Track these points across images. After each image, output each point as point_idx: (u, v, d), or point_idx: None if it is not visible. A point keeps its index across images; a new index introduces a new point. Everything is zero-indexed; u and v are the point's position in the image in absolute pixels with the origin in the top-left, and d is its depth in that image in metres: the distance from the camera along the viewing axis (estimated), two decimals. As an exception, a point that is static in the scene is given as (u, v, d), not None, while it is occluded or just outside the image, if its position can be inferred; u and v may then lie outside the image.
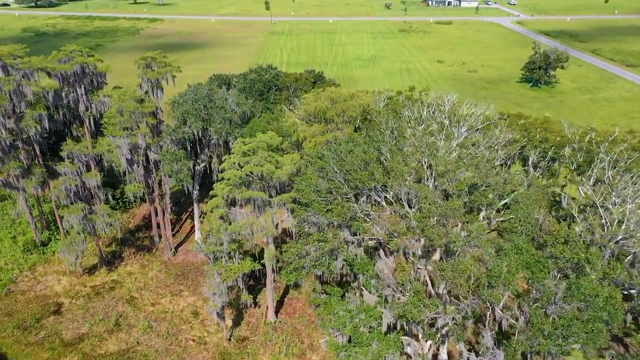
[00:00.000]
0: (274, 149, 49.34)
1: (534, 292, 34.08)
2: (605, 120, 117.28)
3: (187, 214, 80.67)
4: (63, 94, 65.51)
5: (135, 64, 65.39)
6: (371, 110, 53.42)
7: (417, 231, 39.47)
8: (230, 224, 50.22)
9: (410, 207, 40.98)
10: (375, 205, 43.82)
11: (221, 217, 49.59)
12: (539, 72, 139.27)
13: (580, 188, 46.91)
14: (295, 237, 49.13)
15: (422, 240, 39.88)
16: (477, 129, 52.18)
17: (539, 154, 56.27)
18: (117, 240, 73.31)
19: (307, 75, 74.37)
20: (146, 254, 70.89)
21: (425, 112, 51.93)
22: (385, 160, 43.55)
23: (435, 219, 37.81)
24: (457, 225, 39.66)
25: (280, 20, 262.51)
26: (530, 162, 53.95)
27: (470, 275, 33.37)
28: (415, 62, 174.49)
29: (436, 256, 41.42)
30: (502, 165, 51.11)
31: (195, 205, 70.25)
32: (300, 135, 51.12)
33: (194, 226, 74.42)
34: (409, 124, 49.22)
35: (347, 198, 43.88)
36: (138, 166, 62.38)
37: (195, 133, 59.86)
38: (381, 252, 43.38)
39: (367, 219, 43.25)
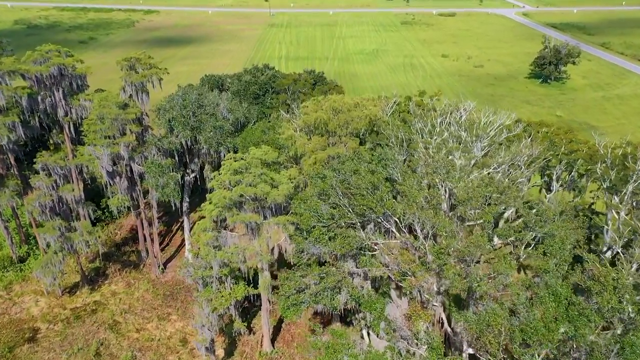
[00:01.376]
0: (270, 163, 43.76)
1: (576, 350, 28.56)
2: (620, 119, 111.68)
3: (178, 224, 75.16)
4: (39, 98, 59.80)
5: (118, 65, 59.56)
6: (378, 121, 47.67)
7: (433, 266, 34.01)
8: (220, 248, 44.71)
9: (425, 238, 35.46)
10: (384, 234, 38.30)
11: (210, 242, 44.00)
12: (549, 67, 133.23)
13: (619, 214, 41.29)
14: (293, 266, 43.60)
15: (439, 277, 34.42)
16: (500, 143, 46.41)
17: (565, 168, 50.60)
18: (102, 255, 67.87)
19: (307, 77, 68.59)
20: (132, 271, 65.49)
21: (438, 123, 46.19)
22: (396, 181, 37.93)
23: (454, 254, 32.33)
24: (479, 262, 34.20)
25: (279, 12, 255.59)
26: (554, 177, 48.29)
27: (500, 330, 27.97)
28: (419, 56, 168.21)
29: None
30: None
31: (185, 218, 64.72)
32: (299, 150, 45.58)
33: (184, 239, 68.93)
34: (421, 137, 43.56)
35: (352, 224, 38.33)
36: (121, 179, 56.77)
37: (184, 143, 54.16)
38: (392, 292, 37.92)
39: (375, 249, 37.75)
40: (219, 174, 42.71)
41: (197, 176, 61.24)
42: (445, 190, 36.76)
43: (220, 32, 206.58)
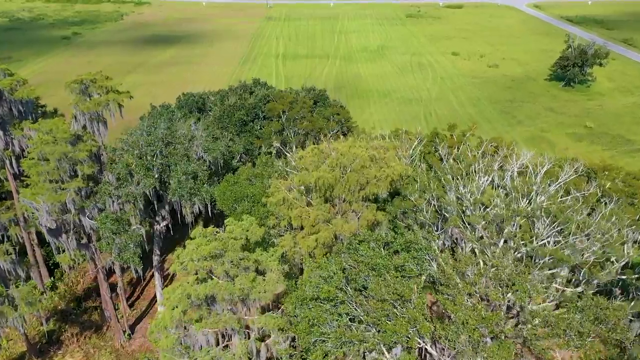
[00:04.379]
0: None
1: None
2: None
3: (152, 271, 63.34)
4: (-32, 129, 47.86)
5: (67, 88, 47.36)
6: (403, 184, 35.71)
7: None
8: (188, 349, 32.88)
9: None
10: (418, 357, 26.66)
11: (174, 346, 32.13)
12: (573, 70, 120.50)
13: None
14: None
15: None
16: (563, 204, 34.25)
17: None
18: (59, 312, 56.28)
19: (305, 97, 56.23)
20: (93, 336, 53.80)
21: (481, 181, 34.20)
22: (434, 283, 26.09)
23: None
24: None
25: (276, 3, 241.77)
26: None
27: None
28: (427, 54, 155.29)
29: None
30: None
31: (156, 275, 52.96)
32: (294, 222, 33.78)
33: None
34: (464, 205, 31.74)
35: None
36: (68, 236, 44.80)
37: (147, 192, 42.12)
38: None
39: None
40: (182, 257, 30.69)
41: (169, 225, 49.20)
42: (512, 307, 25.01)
43: (213, 27, 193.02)
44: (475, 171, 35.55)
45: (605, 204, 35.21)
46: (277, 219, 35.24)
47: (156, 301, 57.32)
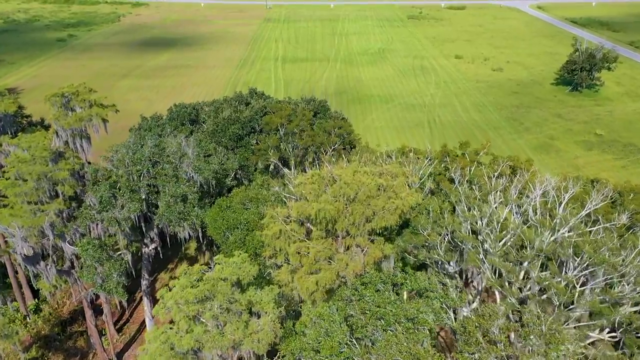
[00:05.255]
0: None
1: None
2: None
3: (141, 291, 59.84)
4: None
5: (47, 102, 43.91)
6: (414, 215, 32.25)
7: None
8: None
9: None
10: None
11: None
12: (580, 74, 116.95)
13: None
14: None
15: None
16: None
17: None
18: (42, 338, 52.84)
19: (305, 109, 52.46)
20: (78, 364, 50.42)
21: (500, 212, 30.70)
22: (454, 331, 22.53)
23: None
24: None
25: (276, 5, 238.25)
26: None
27: None
28: (430, 57, 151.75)
29: None
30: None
31: (145, 300, 49.46)
32: (292, 260, 30.16)
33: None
34: (480, 238, 28.28)
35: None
36: (47, 263, 41.35)
37: (132, 218, 38.61)
38: None
39: None
40: (167, 300, 27.23)
41: (158, 248, 45.70)
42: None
43: (211, 29, 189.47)
44: (491, 200, 32.00)
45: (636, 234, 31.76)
46: (274, 251, 31.66)
47: (145, 326, 53.88)
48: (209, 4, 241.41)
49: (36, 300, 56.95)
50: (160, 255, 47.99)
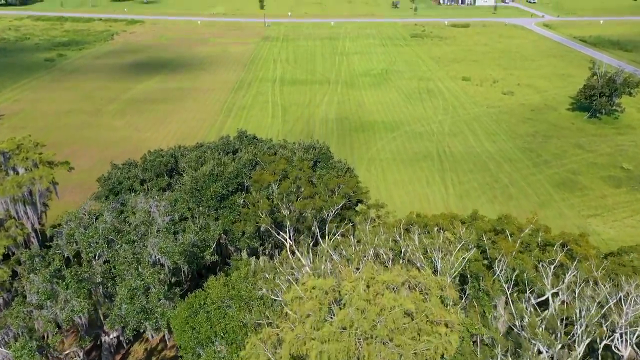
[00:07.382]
0: None
1: None
2: None
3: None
4: None
5: (-17, 160, 35.43)
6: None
7: None
8: None
9: None
10: None
11: None
12: (600, 99, 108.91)
13: None
14: None
15: None
16: None
17: None
18: None
19: (302, 161, 43.85)
20: None
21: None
22: None
23: None
24: None
25: (275, 22, 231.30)
26: None
27: None
28: (436, 79, 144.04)
29: None
30: None
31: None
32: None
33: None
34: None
35: None
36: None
37: (76, 319, 29.98)
38: None
39: None
40: None
41: (120, 337, 36.93)
42: None
43: (207, 48, 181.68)
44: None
45: None
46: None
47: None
48: (205, 22, 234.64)
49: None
50: (124, 345, 39.15)
